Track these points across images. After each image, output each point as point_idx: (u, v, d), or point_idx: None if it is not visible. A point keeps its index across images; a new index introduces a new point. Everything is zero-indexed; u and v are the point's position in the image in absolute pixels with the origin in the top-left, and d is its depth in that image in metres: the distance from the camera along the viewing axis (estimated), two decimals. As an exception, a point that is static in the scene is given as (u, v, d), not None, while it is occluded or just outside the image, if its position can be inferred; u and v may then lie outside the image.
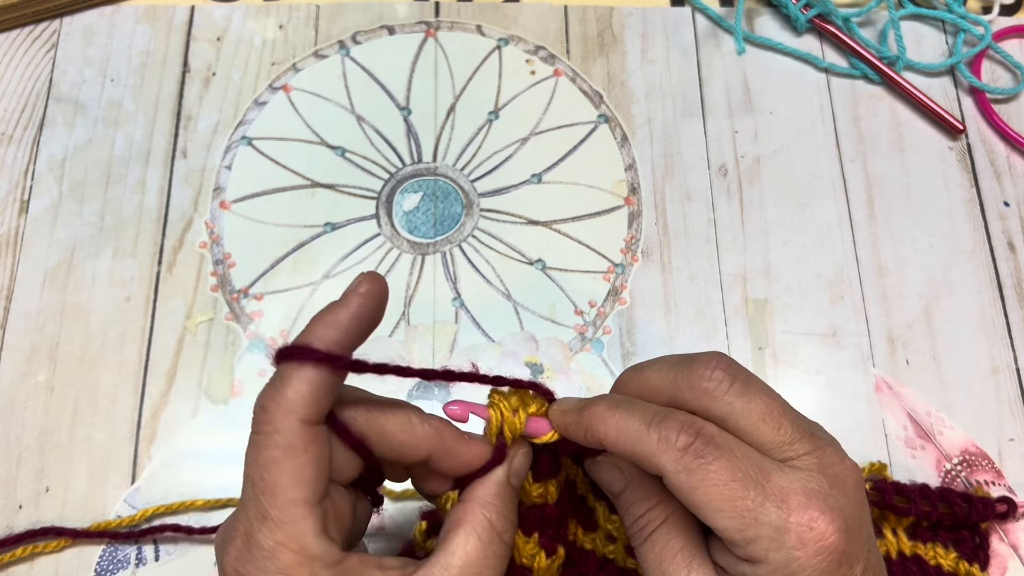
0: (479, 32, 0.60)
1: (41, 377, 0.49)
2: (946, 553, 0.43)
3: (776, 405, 0.31)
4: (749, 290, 0.53)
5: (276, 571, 0.27)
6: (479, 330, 0.51)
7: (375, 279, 0.30)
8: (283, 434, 0.28)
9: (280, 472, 0.27)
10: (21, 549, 0.44)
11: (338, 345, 0.28)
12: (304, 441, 0.28)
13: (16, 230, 0.53)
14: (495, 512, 0.31)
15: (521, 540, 0.34)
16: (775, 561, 0.29)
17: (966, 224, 0.55)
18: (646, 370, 0.34)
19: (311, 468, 0.28)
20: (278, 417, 0.28)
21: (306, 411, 0.28)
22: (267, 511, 0.27)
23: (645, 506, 0.32)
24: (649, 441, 0.30)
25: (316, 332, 0.28)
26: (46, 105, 0.56)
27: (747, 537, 0.29)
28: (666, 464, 0.30)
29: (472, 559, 0.29)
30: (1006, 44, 0.61)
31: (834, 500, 0.30)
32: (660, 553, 0.31)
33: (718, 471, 0.29)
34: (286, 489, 0.27)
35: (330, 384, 0.28)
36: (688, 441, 0.30)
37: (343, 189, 0.55)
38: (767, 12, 0.61)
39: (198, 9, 0.60)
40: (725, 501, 0.29)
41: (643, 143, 0.57)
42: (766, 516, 0.29)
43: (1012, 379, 0.51)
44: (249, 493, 0.28)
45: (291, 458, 0.27)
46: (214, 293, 0.51)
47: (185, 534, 0.45)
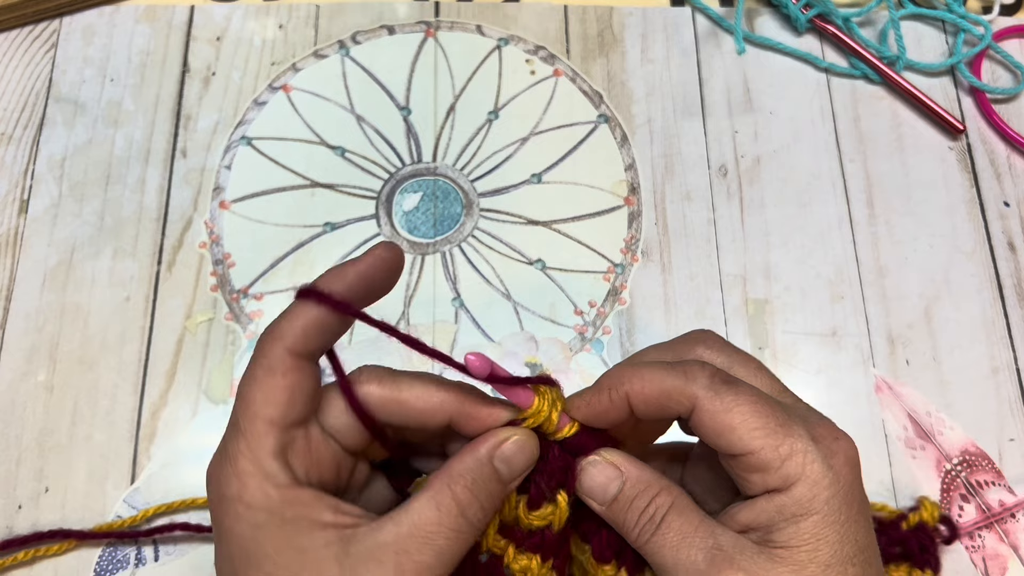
0: (479, 32, 0.60)
1: (41, 377, 0.49)
2: (896, 567, 0.43)
3: (763, 365, 0.34)
4: (749, 290, 0.53)
5: (232, 474, 0.29)
6: (479, 330, 0.51)
7: (390, 248, 0.31)
8: (267, 357, 0.30)
9: (256, 389, 0.30)
10: (23, 553, 0.44)
11: (339, 296, 0.30)
12: (283, 366, 0.29)
13: (16, 230, 0.53)
14: (461, 485, 0.30)
15: (536, 565, 0.33)
16: (812, 474, 0.29)
17: (966, 224, 0.55)
18: (642, 352, 0.35)
19: (283, 392, 0.29)
20: (267, 342, 0.30)
21: (292, 341, 0.29)
22: (238, 422, 0.30)
23: (649, 495, 0.32)
24: (676, 378, 0.31)
25: (324, 279, 0.30)
26: (46, 105, 0.56)
27: (783, 453, 0.29)
28: (699, 391, 0.30)
29: (424, 522, 0.29)
30: (1006, 44, 0.61)
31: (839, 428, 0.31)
32: (681, 531, 0.31)
33: (747, 394, 0.30)
34: (257, 404, 0.29)
35: (322, 324, 0.30)
36: (713, 370, 0.31)
37: (343, 189, 0.55)
38: (767, 12, 0.61)
39: (198, 9, 0.60)
40: (759, 418, 0.30)
41: (643, 143, 0.57)
42: (797, 430, 0.30)
43: (1012, 379, 0.51)
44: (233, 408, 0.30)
45: (267, 378, 0.29)
46: (214, 293, 0.51)
47: (195, 531, 0.45)
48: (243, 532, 0.29)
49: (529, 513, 0.33)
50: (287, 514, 0.29)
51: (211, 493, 0.30)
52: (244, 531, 0.29)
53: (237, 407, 0.30)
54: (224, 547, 0.30)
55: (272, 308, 0.51)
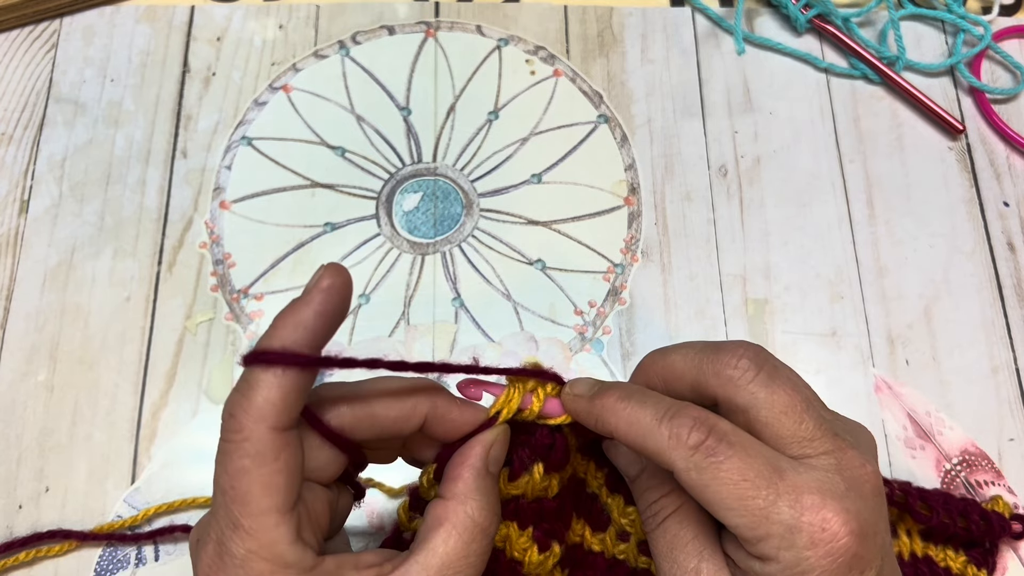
0: (479, 32, 0.60)
1: (41, 377, 0.49)
2: (956, 556, 0.43)
3: (801, 400, 0.31)
4: (749, 290, 0.53)
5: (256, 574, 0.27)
6: (479, 330, 0.51)
7: (338, 272, 0.29)
8: (253, 443, 0.27)
9: (251, 481, 0.27)
10: (24, 553, 0.44)
11: (306, 345, 0.28)
12: (275, 449, 0.27)
13: (16, 230, 0.53)
14: (476, 507, 0.30)
15: (515, 532, 0.34)
16: (785, 560, 0.28)
17: (966, 224, 0.55)
18: (671, 353, 0.33)
19: (283, 476, 0.27)
20: (248, 425, 0.27)
21: (276, 418, 0.27)
22: (238, 520, 0.27)
23: (659, 492, 0.32)
24: (660, 437, 0.30)
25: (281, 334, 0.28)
26: (46, 105, 0.56)
27: (758, 535, 0.29)
28: (676, 462, 0.29)
29: (453, 558, 0.29)
30: (1006, 44, 0.61)
31: (850, 502, 0.29)
32: (672, 541, 0.31)
33: (729, 470, 0.29)
34: (257, 498, 0.27)
35: (300, 387, 0.28)
36: (700, 439, 0.29)
37: (343, 189, 0.55)
38: (767, 12, 0.61)
39: (198, 9, 0.60)
40: (736, 500, 0.28)
41: (643, 143, 0.57)
42: (778, 515, 0.28)
43: (1012, 379, 0.51)
44: (220, 501, 0.28)
45: (262, 467, 0.27)
46: (214, 293, 0.52)
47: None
48: None
49: (508, 484, 0.34)
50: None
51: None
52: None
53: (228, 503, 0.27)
54: None
55: (272, 308, 0.51)
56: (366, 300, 0.52)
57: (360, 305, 0.52)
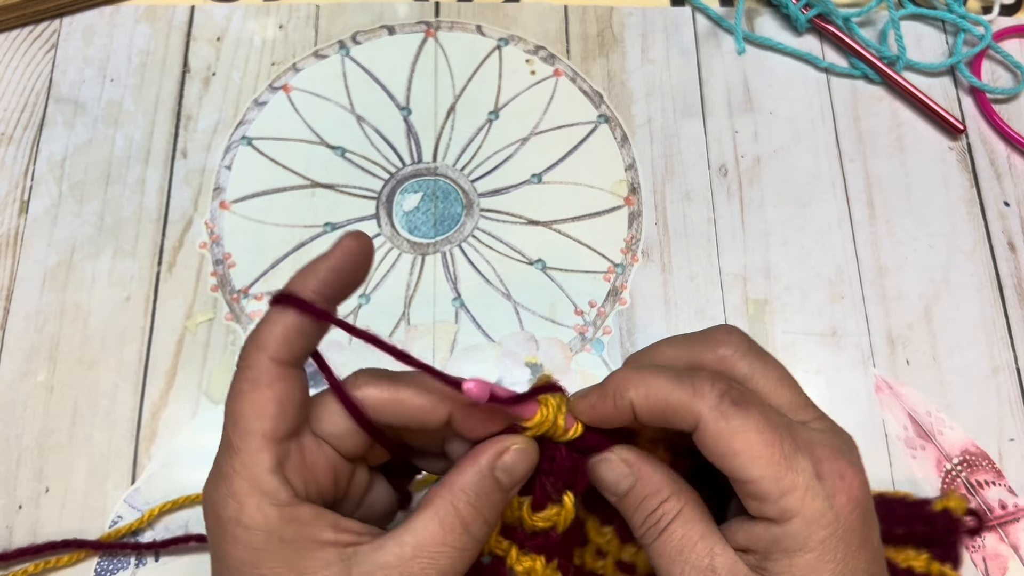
0: (479, 32, 0.60)
1: (41, 377, 0.49)
2: (917, 554, 0.43)
3: (788, 372, 0.33)
4: (749, 290, 0.53)
5: (228, 495, 0.28)
6: (479, 330, 0.51)
7: (358, 237, 0.30)
8: (252, 369, 0.29)
9: (244, 403, 0.29)
10: (33, 565, 0.44)
11: (316, 293, 0.30)
12: (270, 377, 0.29)
13: (16, 230, 0.53)
14: (464, 501, 0.30)
15: (541, 565, 0.33)
16: (810, 512, 0.29)
17: (966, 224, 0.55)
18: (660, 345, 0.34)
19: (273, 404, 0.29)
20: (251, 353, 0.29)
21: (276, 349, 0.29)
22: (230, 439, 0.29)
23: (659, 499, 0.31)
24: (683, 391, 0.30)
25: (297, 281, 0.30)
26: (46, 105, 0.56)
27: (783, 487, 0.29)
28: (704, 411, 0.29)
29: (428, 542, 0.29)
30: (1006, 44, 0.61)
31: (853, 457, 0.30)
32: (680, 543, 0.31)
33: (755, 418, 0.29)
34: (248, 420, 0.29)
35: (303, 329, 0.29)
36: (723, 388, 0.30)
37: (343, 189, 0.55)
38: (767, 12, 0.61)
39: (198, 9, 0.60)
40: (763, 447, 0.29)
41: (643, 143, 0.57)
42: (801, 464, 0.29)
43: (1012, 379, 0.51)
44: (223, 426, 0.30)
45: (255, 391, 0.29)
46: (214, 293, 0.52)
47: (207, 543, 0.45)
48: (241, 555, 0.28)
49: (533, 515, 0.32)
50: (286, 534, 0.28)
51: (207, 516, 0.29)
52: (242, 554, 0.28)
53: (227, 424, 0.29)
54: (223, 571, 0.29)
55: (272, 308, 0.51)
56: (366, 300, 0.52)
57: (360, 305, 0.52)
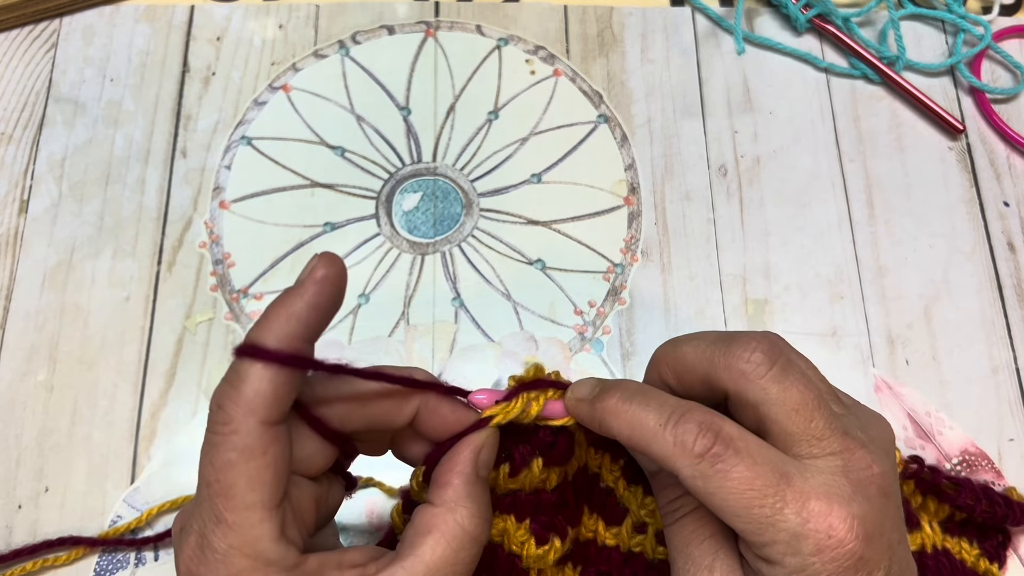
0: (479, 32, 0.60)
1: (41, 377, 0.49)
2: (971, 549, 0.43)
3: (813, 396, 0.30)
4: (749, 290, 0.53)
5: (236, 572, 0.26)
6: (479, 330, 0.51)
7: (332, 262, 0.28)
8: (241, 436, 0.26)
9: (236, 475, 0.26)
10: (32, 563, 0.44)
11: (298, 338, 0.27)
12: (263, 443, 0.26)
13: (16, 230, 0.53)
14: (466, 514, 0.30)
15: (512, 525, 0.34)
16: (791, 565, 0.28)
17: (966, 224, 0.55)
18: (683, 344, 0.33)
19: (269, 471, 0.27)
20: (237, 418, 0.26)
21: (266, 412, 0.27)
22: (222, 514, 0.26)
23: (677, 491, 0.32)
24: (664, 443, 0.29)
25: (274, 326, 0.27)
26: (46, 105, 0.56)
27: (763, 541, 0.29)
28: (682, 469, 0.29)
29: (440, 565, 0.28)
30: (1006, 44, 0.61)
31: (856, 506, 0.29)
32: (688, 537, 0.31)
33: (736, 479, 0.28)
34: (242, 493, 0.26)
35: (292, 382, 0.27)
36: (706, 446, 0.29)
37: (343, 189, 0.55)
38: (767, 12, 0.61)
39: (198, 9, 0.60)
40: (742, 508, 0.28)
41: (643, 143, 0.57)
42: (784, 523, 0.28)
43: (1012, 379, 0.51)
44: (204, 493, 0.27)
45: (248, 461, 0.26)
46: (214, 293, 0.52)
47: None
48: None
49: (507, 479, 0.33)
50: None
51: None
52: None
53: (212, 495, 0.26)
54: None
55: (272, 308, 0.51)
56: (366, 300, 0.52)
57: (360, 305, 0.52)
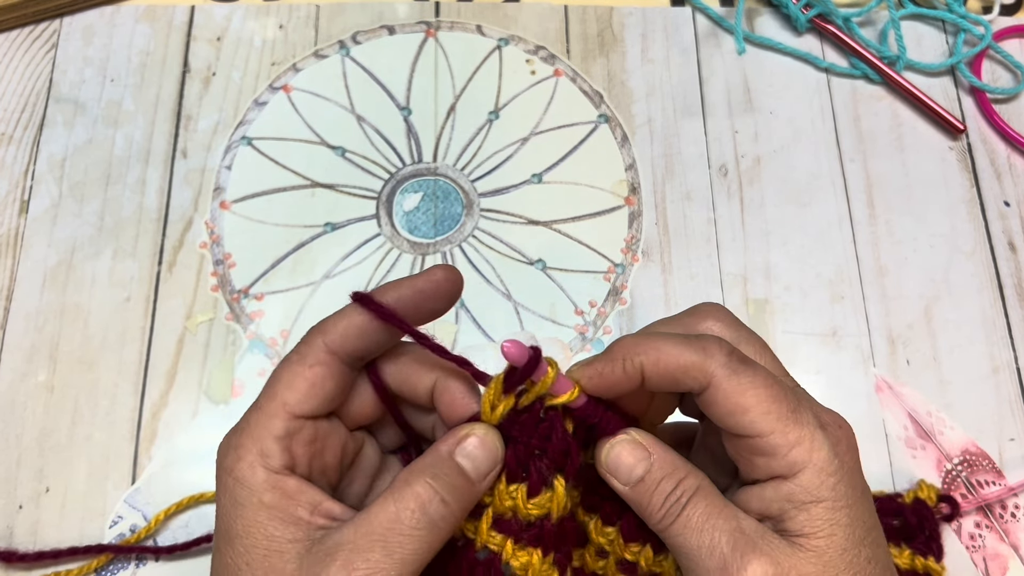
0: (479, 32, 0.60)
1: (41, 377, 0.49)
2: (900, 552, 0.43)
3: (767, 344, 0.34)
4: (749, 290, 0.53)
5: (232, 446, 0.30)
6: (479, 330, 0.51)
7: (448, 271, 0.33)
8: (305, 346, 0.31)
9: (283, 371, 0.31)
10: (54, 573, 0.44)
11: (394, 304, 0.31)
12: (314, 358, 0.31)
13: (16, 230, 0.53)
14: (422, 482, 0.30)
15: (538, 560, 0.32)
16: (819, 461, 0.29)
17: (966, 224, 0.55)
18: (652, 326, 0.35)
19: (306, 382, 0.31)
20: (311, 334, 0.31)
21: (332, 337, 0.31)
22: (259, 400, 0.31)
23: (676, 478, 0.31)
24: (694, 352, 0.31)
25: (383, 289, 0.32)
26: (46, 105, 0.56)
27: (791, 440, 0.29)
28: (716, 369, 0.30)
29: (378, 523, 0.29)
30: (1006, 44, 0.61)
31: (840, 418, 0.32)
32: (705, 514, 0.31)
33: (763, 374, 0.30)
34: (279, 386, 0.31)
35: (366, 329, 0.31)
36: (730, 348, 0.31)
37: (343, 189, 0.55)
38: (767, 12, 0.61)
39: (198, 9, 0.60)
40: (772, 402, 0.30)
41: (643, 143, 0.57)
42: (805, 417, 0.30)
43: (1012, 379, 0.51)
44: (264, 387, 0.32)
45: (296, 365, 0.31)
46: (214, 293, 0.51)
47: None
48: (226, 505, 0.30)
49: (528, 501, 0.32)
50: (266, 499, 0.30)
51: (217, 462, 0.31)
52: (227, 505, 0.30)
53: (264, 386, 0.31)
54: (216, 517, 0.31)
55: (272, 308, 0.51)
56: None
57: (360, 305, 0.52)
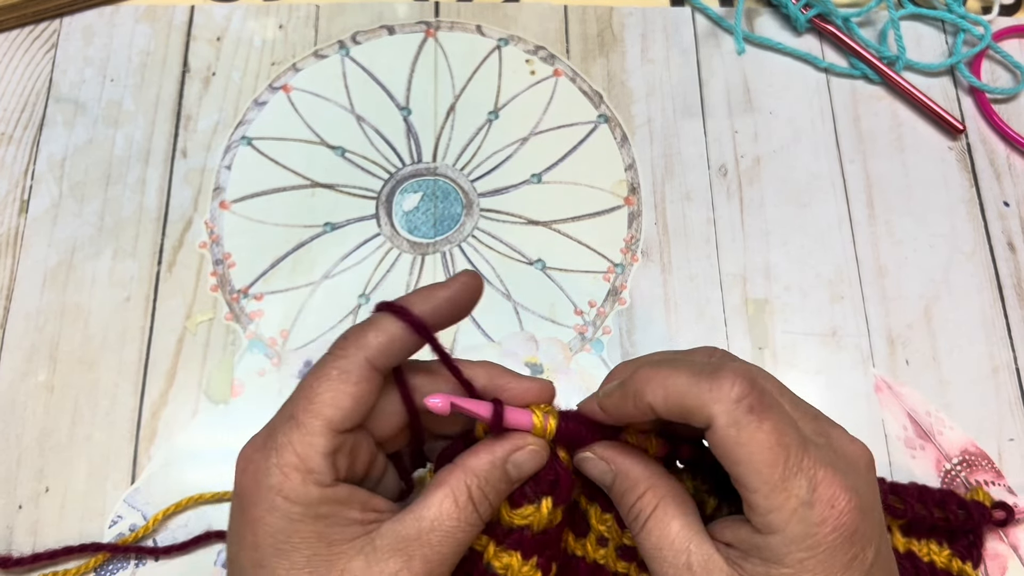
0: (479, 32, 0.60)
1: (41, 377, 0.49)
2: (940, 550, 0.43)
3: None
4: (749, 290, 0.53)
5: (276, 465, 0.30)
6: (479, 330, 0.51)
7: (474, 277, 0.33)
8: (347, 361, 0.31)
9: (326, 388, 0.30)
10: (52, 573, 0.44)
11: (428, 316, 0.32)
12: (359, 376, 0.31)
13: (16, 230, 0.53)
14: (477, 484, 0.32)
15: (517, 562, 0.34)
16: (793, 533, 0.29)
17: (966, 224, 0.55)
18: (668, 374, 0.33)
19: (351, 399, 0.30)
20: (351, 348, 0.31)
21: (375, 353, 0.31)
22: (296, 414, 0.30)
23: (635, 495, 0.32)
24: (700, 391, 0.30)
25: (414, 300, 0.32)
26: (46, 105, 0.56)
27: (771, 505, 0.29)
28: (718, 415, 0.29)
29: (444, 517, 0.31)
30: (1006, 44, 0.61)
31: (851, 479, 0.30)
32: (658, 540, 0.31)
33: (768, 432, 0.29)
34: (322, 403, 0.30)
35: (405, 344, 0.32)
36: (743, 391, 0.29)
37: (343, 189, 0.55)
38: (767, 12, 0.61)
39: (198, 9, 0.60)
40: (765, 465, 0.29)
41: (643, 143, 0.57)
42: (796, 488, 0.29)
43: (1012, 379, 0.51)
44: (292, 398, 0.31)
45: (341, 382, 0.30)
46: (214, 293, 0.52)
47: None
48: (276, 523, 0.30)
49: (511, 511, 0.34)
50: (322, 511, 0.30)
51: (246, 478, 0.31)
52: (278, 523, 0.30)
53: (298, 398, 0.31)
54: (251, 534, 0.30)
55: (272, 308, 0.51)
56: (366, 300, 0.52)
57: (360, 305, 0.52)
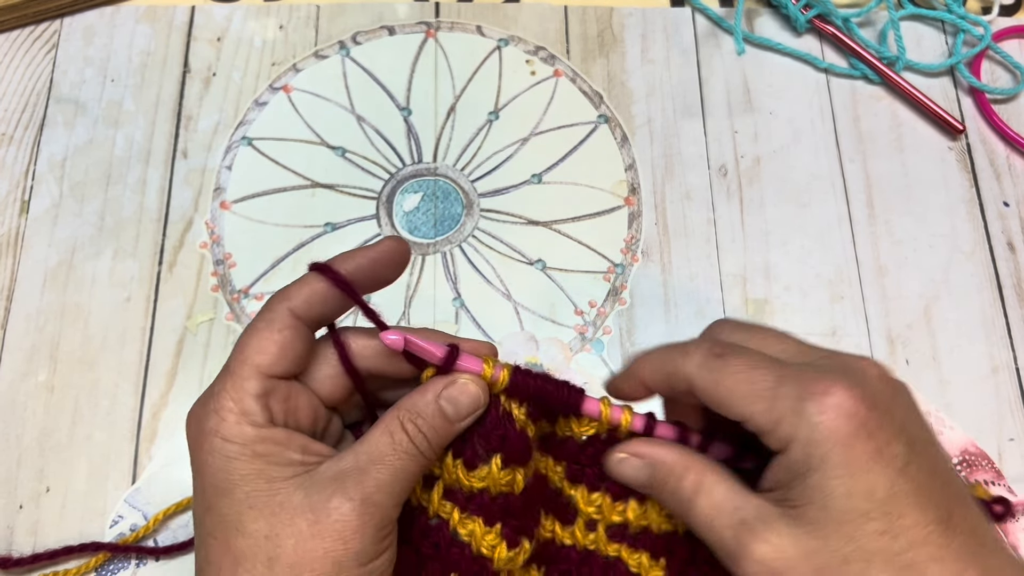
0: (479, 32, 0.60)
1: (41, 377, 0.49)
2: None
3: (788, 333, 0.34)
4: (749, 290, 0.53)
5: (213, 410, 0.31)
6: (479, 330, 0.51)
7: (399, 242, 0.35)
8: (270, 312, 0.33)
9: (252, 337, 0.32)
10: (53, 573, 0.44)
11: (351, 274, 0.33)
12: (282, 324, 0.32)
13: (16, 230, 0.53)
14: (410, 418, 0.33)
15: (480, 528, 0.34)
16: (803, 434, 0.29)
17: (966, 224, 0.55)
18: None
19: (276, 345, 0.32)
20: (275, 301, 0.33)
21: (296, 303, 0.33)
22: (229, 364, 0.32)
23: (675, 478, 0.33)
24: (676, 358, 0.33)
25: (340, 259, 0.34)
26: (46, 105, 0.56)
27: (773, 418, 0.30)
28: (691, 368, 0.32)
29: (378, 449, 0.32)
30: (1006, 44, 0.61)
31: (851, 380, 0.30)
32: (708, 512, 0.32)
33: (737, 364, 0.31)
34: (249, 351, 0.32)
35: (327, 297, 0.33)
36: (709, 347, 0.32)
37: (343, 189, 0.55)
38: (767, 12, 0.62)
39: (198, 9, 0.60)
40: (746, 386, 0.31)
41: (643, 143, 0.57)
42: (785, 392, 0.30)
43: (1012, 379, 0.51)
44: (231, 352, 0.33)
45: (265, 330, 0.32)
46: (214, 293, 0.52)
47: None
48: (216, 463, 0.31)
49: (468, 473, 0.34)
50: (259, 448, 0.31)
51: (190, 429, 0.32)
52: (218, 462, 0.31)
53: (232, 352, 0.33)
54: (199, 479, 0.32)
55: (273, 308, 0.51)
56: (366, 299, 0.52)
57: (360, 305, 0.52)
